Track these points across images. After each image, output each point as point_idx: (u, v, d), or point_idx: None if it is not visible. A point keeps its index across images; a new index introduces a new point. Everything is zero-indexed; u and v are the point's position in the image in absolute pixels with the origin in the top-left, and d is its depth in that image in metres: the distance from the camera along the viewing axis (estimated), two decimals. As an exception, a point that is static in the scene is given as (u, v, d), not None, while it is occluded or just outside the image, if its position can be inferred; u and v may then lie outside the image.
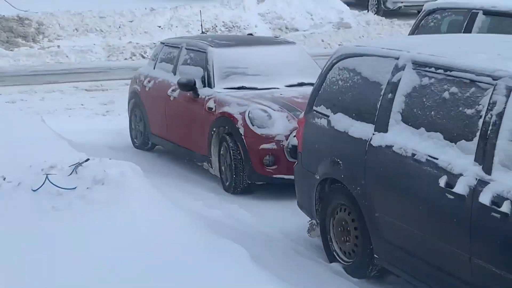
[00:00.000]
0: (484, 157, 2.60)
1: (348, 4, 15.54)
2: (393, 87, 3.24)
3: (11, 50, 12.64)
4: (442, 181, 2.76)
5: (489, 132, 2.59)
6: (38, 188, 3.71)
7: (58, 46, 13.04)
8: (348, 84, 3.73)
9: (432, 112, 2.96)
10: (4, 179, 3.80)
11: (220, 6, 14.80)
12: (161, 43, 6.97)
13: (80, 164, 3.88)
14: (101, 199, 3.69)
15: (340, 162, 3.58)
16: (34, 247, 3.20)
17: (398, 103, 3.20)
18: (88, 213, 3.54)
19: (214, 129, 5.40)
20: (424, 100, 3.04)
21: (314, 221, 3.98)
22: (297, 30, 14.42)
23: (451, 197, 2.70)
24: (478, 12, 5.13)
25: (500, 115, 2.56)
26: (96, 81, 10.64)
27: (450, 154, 2.79)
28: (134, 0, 15.30)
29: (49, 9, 13.75)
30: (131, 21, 14.14)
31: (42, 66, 11.97)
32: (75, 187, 3.74)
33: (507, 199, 2.45)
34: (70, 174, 3.84)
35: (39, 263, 3.06)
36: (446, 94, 2.89)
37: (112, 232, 3.34)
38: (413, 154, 2.99)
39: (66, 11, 13.99)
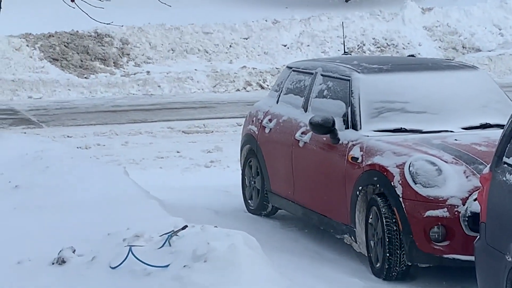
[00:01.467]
0: None
1: None
2: None
3: (85, 77, 10.14)
4: None
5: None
6: (119, 265, 3.09)
7: (148, 73, 10.47)
8: None
9: None
10: (74, 251, 3.22)
11: (370, 17, 11.08)
12: (288, 67, 5.84)
13: (175, 233, 3.24)
14: (203, 282, 2.95)
15: None
16: None
17: None
18: None
19: (360, 187, 4.32)
20: None
21: None
22: (479, 50, 11.25)
23: None
24: None
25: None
26: (197, 119, 8.80)
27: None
28: (250, 9, 11.93)
29: (137, 22, 10.57)
30: (246, 38, 11.19)
31: (125, 99, 9.89)
32: (168, 265, 3.06)
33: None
34: (162, 246, 3.20)
35: None
36: None
37: None
38: None
39: (159, 25, 11.07)
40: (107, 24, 4.48)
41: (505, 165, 2.98)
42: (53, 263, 3.13)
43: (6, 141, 5.79)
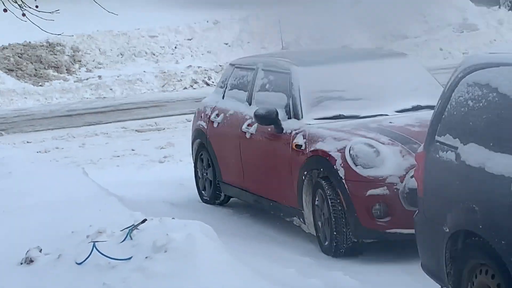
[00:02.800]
0: None
1: None
2: None
3: (40, 85, 10.59)
4: None
5: None
6: (84, 260, 3.26)
7: (99, 77, 10.98)
8: (482, 105, 3.12)
9: None
10: (41, 250, 3.36)
11: (304, 13, 11.28)
12: (231, 65, 6.02)
13: (135, 226, 3.44)
14: (164, 272, 3.17)
15: (477, 208, 2.98)
16: None
17: None
18: None
19: (305, 172, 4.58)
20: None
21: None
22: (406, 37, 11.53)
23: None
24: None
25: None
26: (149, 118, 9.14)
27: None
28: (192, 12, 12.44)
29: (87, 30, 11.24)
30: (189, 39, 11.73)
31: (80, 104, 10.20)
32: (131, 257, 3.26)
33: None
34: (123, 240, 3.39)
35: None
36: None
37: None
38: None
39: (107, 32, 11.58)
40: (58, 34, 4.55)
41: (437, 143, 3.26)
42: (21, 263, 3.30)
43: None
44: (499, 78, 2.95)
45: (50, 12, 3.64)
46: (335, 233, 4.31)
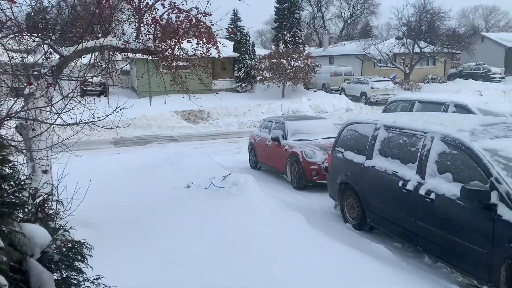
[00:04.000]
0: (421, 171, 5.44)
1: (352, 99, 27.51)
2: (374, 137, 6.71)
3: (194, 123, 22.29)
4: (400, 183, 5.66)
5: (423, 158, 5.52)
6: (208, 187, 7.59)
7: (217, 123, 22.34)
8: (352, 136, 7.32)
9: (394, 149, 6.21)
10: (192, 183, 7.94)
11: (290, 102, 26.02)
12: (263, 119, 11.87)
13: (226, 176, 7.80)
14: (236, 193, 7.35)
15: (349, 174, 7.03)
16: (208, 218, 6.55)
17: (377, 145, 6.56)
18: (230, 199, 7.18)
19: (288, 159, 9.64)
20: (390, 143, 6.35)
21: (337, 203, 7.57)
22: (326, 112, 24.75)
23: (405, 191, 5.62)
24: (415, 101, 9.07)
25: (428, 150, 5.34)
26: (233, 138, 18.40)
27: (404, 169, 5.81)
28: (248, 100, 27.35)
29: (213, 105, 23.15)
30: (249, 110, 24.68)
31: (209, 132, 20.55)
32: (224, 187, 7.50)
33: (433, 191, 5.07)
34: (222, 180, 7.68)
35: (207, 221, 6.63)
36: (400, 141, 6.11)
37: (240, 208, 6.86)
38: (385, 170, 6.17)
39: (220, 107, 23.88)
40: (202, 106, 9.72)
41: (336, 150, 7.55)
42: (186, 187, 7.87)
43: (167, 148, 11.57)
44: (358, 127, 7.12)
45: (199, 99, 8.03)
46: (297, 181, 9.19)
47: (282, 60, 28.20)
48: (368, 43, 36.30)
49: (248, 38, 31.80)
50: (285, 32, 37.51)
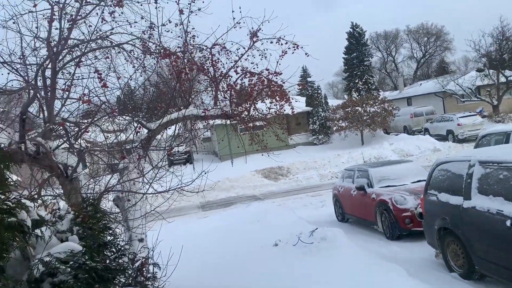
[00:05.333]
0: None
1: (437, 139, 26.40)
2: (469, 175, 6.19)
3: (275, 180, 22.72)
4: (508, 223, 5.05)
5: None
6: (296, 244, 7.48)
7: (297, 177, 22.47)
8: (445, 177, 6.87)
9: (495, 186, 5.61)
10: (280, 241, 7.87)
11: (370, 149, 25.77)
12: (345, 169, 11.70)
13: (313, 231, 7.67)
14: (325, 247, 7.21)
15: (447, 218, 6.46)
16: (296, 275, 6.50)
17: (474, 183, 6.02)
18: (320, 254, 7.06)
19: (377, 208, 9.18)
20: (488, 180, 5.78)
21: (437, 251, 6.98)
22: (412, 155, 24.17)
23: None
24: (510, 133, 8.35)
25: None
26: (315, 191, 18.05)
27: (509, 207, 5.18)
28: (326, 152, 27.53)
29: (291, 160, 23.23)
30: (329, 161, 24.49)
31: (291, 188, 20.60)
32: (312, 242, 7.37)
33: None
34: (310, 236, 7.56)
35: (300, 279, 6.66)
36: (500, 176, 5.52)
37: (331, 264, 6.71)
38: (488, 210, 5.47)
39: (299, 162, 24.03)
40: (281, 162, 10.17)
41: (428, 193, 7.07)
42: (273, 245, 7.83)
43: (252, 207, 12.46)
44: (450, 166, 6.65)
45: (277, 155, 8.29)
46: (390, 231, 8.65)
47: (357, 107, 27.95)
48: (447, 80, 34.89)
49: (319, 91, 32.21)
50: (356, 81, 37.47)
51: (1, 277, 1.77)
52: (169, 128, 7.45)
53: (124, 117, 7.85)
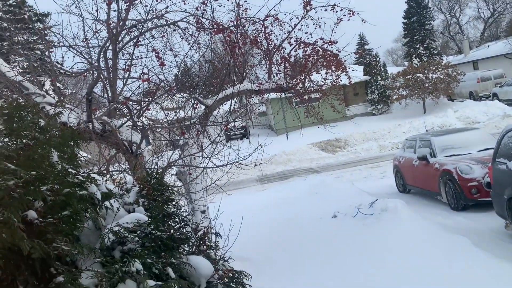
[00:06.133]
0: None
1: (508, 104, 24.12)
2: None
3: (333, 153, 22.06)
4: None
5: None
6: (355, 215, 7.44)
7: (355, 149, 21.76)
8: None
9: None
10: (339, 212, 7.88)
11: (433, 117, 24.23)
12: (406, 139, 11.34)
13: (373, 202, 7.56)
14: (386, 219, 7.07)
15: None
16: (355, 246, 6.43)
17: None
18: (380, 226, 6.96)
19: (441, 178, 8.81)
20: None
21: (508, 221, 6.65)
22: (479, 122, 22.54)
23: None
24: None
25: None
26: (375, 162, 17.52)
27: None
28: (386, 122, 25.92)
29: (349, 132, 22.79)
30: (389, 132, 23.48)
31: (349, 160, 19.91)
32: (372, 214, 7.29)
33: None
34: (369, 207, 7.48)
35: (357, 254, 6.25)
36: None
37: (393, 234, 6.58)
38: None
39: (357, 133, 23.36)
40: (338, 133, 10.03)
41: (497, 161, 6.73)
42: (332, 217, 7.86)
43: (309, 180, 12.53)
44: None
45: (334, 127, 8.21)
46: (455, 201, 8.28)
47: (418, 74, 26.63)
48: (519, 39, 32.20)
49: (377, 59, 31.00)
50: (417, 46, 35.57)
51: (77, 245, 1.93)
52: (225, 104, 7.57)
53: (182, 94, 8.08)
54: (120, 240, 2.10)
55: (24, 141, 2.03)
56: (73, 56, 5.36)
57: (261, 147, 5.79)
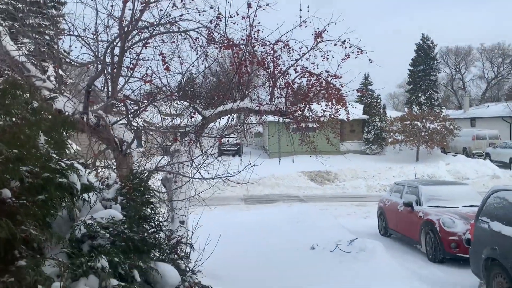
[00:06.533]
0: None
1: (499, 166, 24.45)
2: None
3: (321, 184, 21.97)
4: None
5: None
6: (333, 250, 7.43)
7: (344, 185, 21.64)
8: (500, 205, 6.51)
9: None
10: (317, 245, 7.84)
11: (424, 166, 24.36)
12: (394, 183, 11.38)
13: (353, 240, 7.57)
14: (363, 259, 7.11)
15: (497, 248, 6.15)
16: (329, 282, 6.52)
17: None
18: (357, 265, 6.99)
19: (422, 227, 8.83)
20: None
21: (482, 281, 6.60)
22: (468, 178, 22.36)
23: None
24: None
25: None
26: (361, 201, 17.16)
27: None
28: (377, 163, 26.28)
29: (340, 167, 22.45)
30: (379, 173, 23.36)
31: (336, 194, 19.82)
32: (350, 252, 7.29)
33: None
34: (348, 244, 7.47)
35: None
36: None
37: (368, 276, 6.63)
38: None
39: (348, 169, 23.27)
40: (328, 166, 10.13)
41: (480, 220, 6.71)
42: (310, 248, 7.82)
43: (294, 207, 12.31)
44: (507, 195, 6.30)
45: (325, 159, 8.26)
46: (433, 252, 8.26)
47: (416, 122, 26.93)
48: (519, 104, 32.80)
49: (379, 100, 31.36)
50: (419, 94, 36.10)
51: (46, 232, 1.90)
52: (223, 118, 7.57)
53: (182, 101, 8.10)
54: (91, 234, 2.06)
55: (14, 119, 2.01)
56: (81, 47, 5.38)
57: (252, 166, 5.78)
